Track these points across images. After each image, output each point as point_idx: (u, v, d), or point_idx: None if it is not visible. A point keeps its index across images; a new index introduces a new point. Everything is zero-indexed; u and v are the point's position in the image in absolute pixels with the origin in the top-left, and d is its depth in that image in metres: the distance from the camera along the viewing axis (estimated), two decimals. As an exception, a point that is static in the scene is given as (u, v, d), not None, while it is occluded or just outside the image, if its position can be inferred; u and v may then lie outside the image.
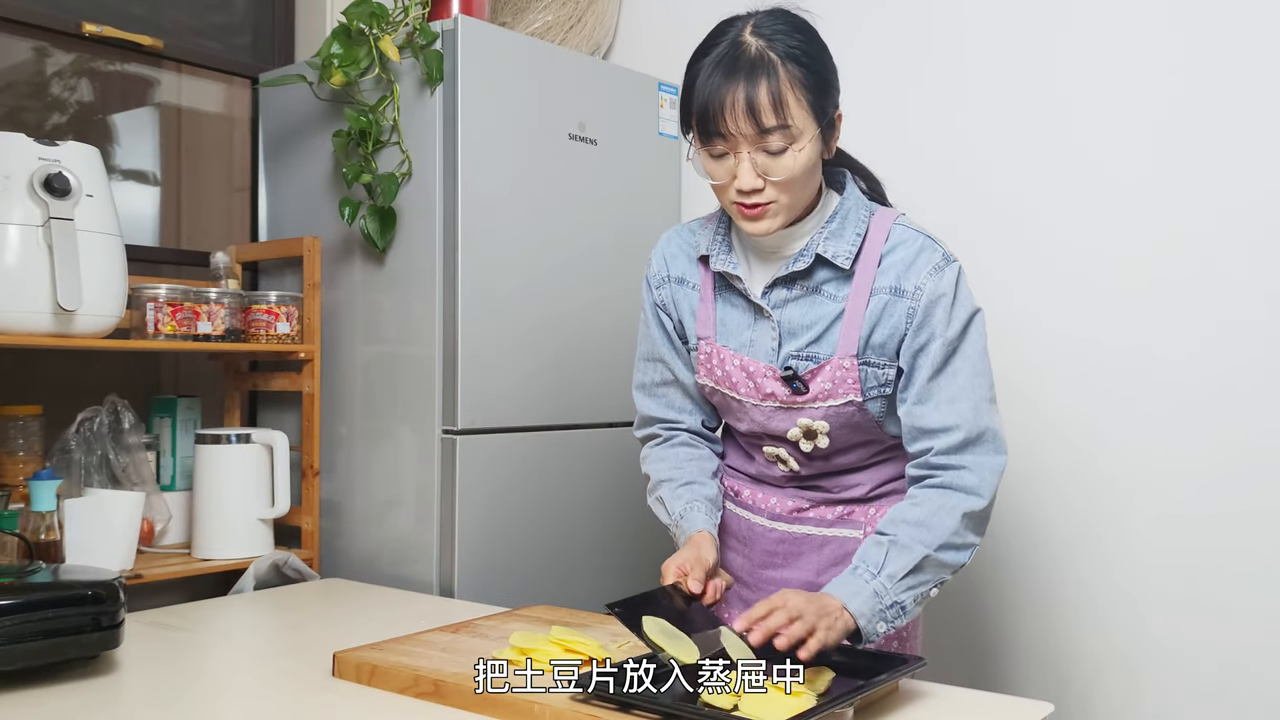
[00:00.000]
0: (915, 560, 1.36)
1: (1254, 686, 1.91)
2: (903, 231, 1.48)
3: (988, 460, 1.42)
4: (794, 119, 1.37)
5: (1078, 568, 2.08)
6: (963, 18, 2.22)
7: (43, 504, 1.75)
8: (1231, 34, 1.94)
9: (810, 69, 1.39)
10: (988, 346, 1.47)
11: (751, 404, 1.53)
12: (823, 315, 1.47)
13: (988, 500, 1.41)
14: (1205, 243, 1.96)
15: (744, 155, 1.39)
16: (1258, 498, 1.91)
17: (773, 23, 1.41)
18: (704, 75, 1.39)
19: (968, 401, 1.42)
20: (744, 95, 1.35)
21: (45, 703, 1.31)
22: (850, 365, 1.46)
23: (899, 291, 1.44)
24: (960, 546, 1.39)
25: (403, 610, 1.84)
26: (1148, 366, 2.01)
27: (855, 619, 1.32)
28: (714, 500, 1.57)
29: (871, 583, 1.34)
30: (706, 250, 1.55)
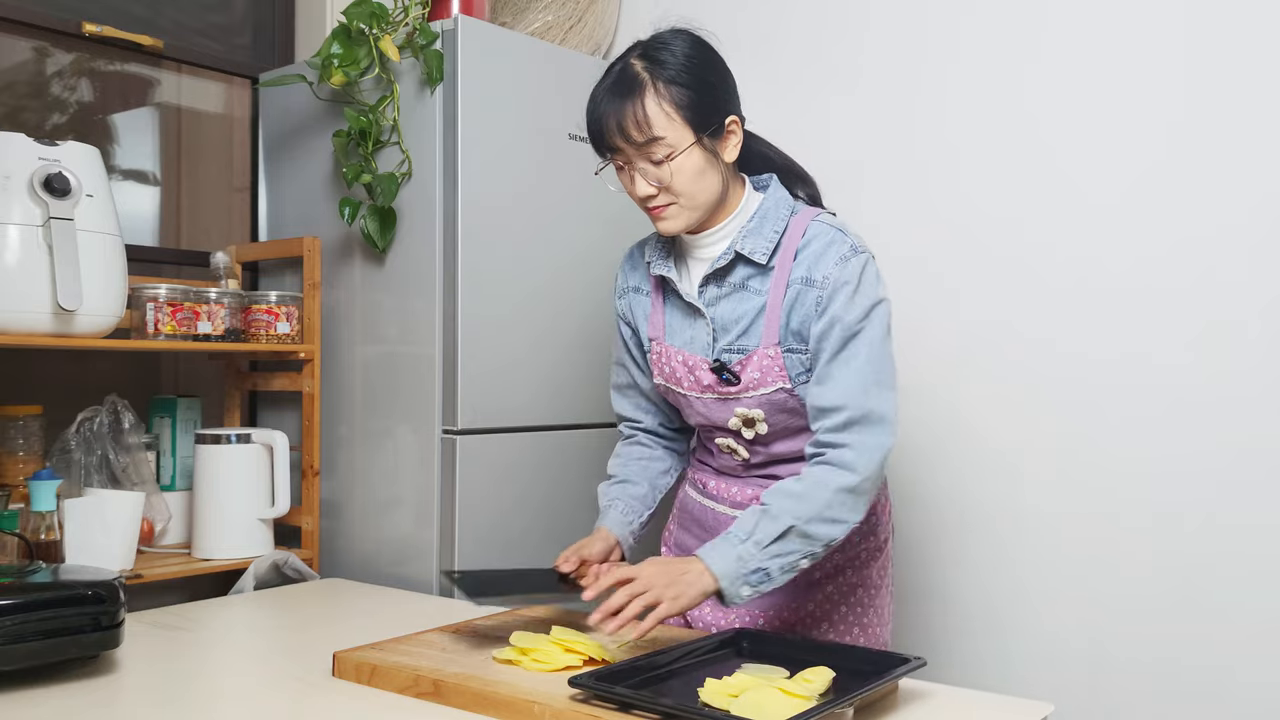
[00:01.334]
0: (781, 529, 1.44)
1: (1251, 688, 1.91)
2: (818, 227, 1.57)
3: (871, 439, 1.48)
4: (663, 132, 1.49)
5: (1077, 568, 2.08)
6: (958, 32, 2.22)
7: (43, 504, 1.75)
8: (1229, 36, 1.94)
9: (685, 86, 1.51)
10: (889, 335, 1.54)
11: (694, 396, 1.64)
12: (748, 310, 1.57)
13: (862, 477, 1.47)
14: (1201, 249, 1.96)
15: (635, 166, 1.53)
16: (1254, 502, 1.91)
17: (659, 45, 1.54)
18: (594, 98, 1.55)
19: (858, 384, 1.49)
20: (615, 115, 1.51)
21: (45, 703, 1.31)
22: (775, 354, 1.55)
23: (810, 281, 1.53)
24: (832, 520, 1.46)
25: (403, 610, 1.84)
26: (1144, 372, 2.01)
27: (717, 579, 1.42)
28: (640, 498, 1.71)
29: (738, 547, 1.44)
30: (648, 257, 1.69)
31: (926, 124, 2.26)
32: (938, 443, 2.23)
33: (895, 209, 2.29)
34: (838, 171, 2.36)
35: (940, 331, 2.23)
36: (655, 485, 1.75)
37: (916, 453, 2.26)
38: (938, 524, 2.24)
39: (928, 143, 2.26)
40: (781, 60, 2.46)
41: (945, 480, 2.23)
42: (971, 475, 2.20)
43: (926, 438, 2.25)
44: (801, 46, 2.43)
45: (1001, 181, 2.17)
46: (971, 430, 2.20)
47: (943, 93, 2.24)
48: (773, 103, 2.46)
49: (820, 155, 2.38)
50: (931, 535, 2.25)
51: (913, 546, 2.27)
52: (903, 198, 2.29)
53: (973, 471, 2.20)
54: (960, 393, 2.21)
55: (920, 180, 2.27)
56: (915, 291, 2.25)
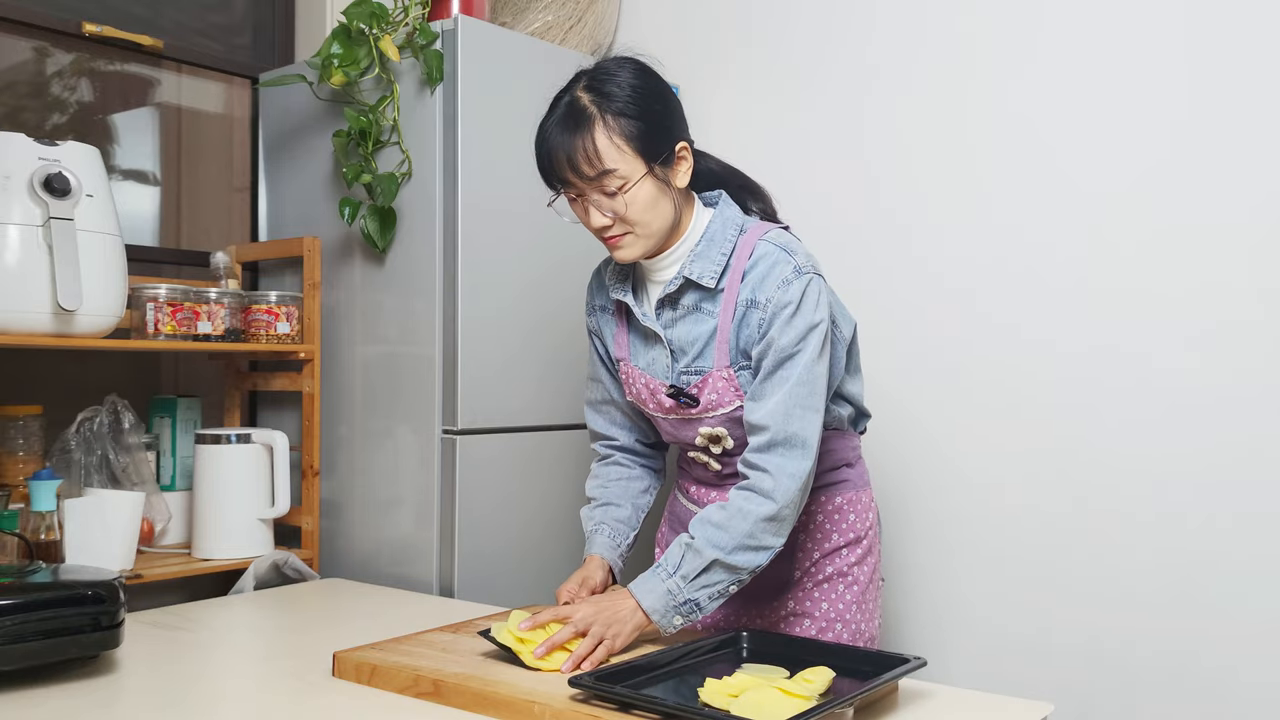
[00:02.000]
0: (706, 563, 1.47)
1: (1252, 687, 1.91)
2: (765, 247, 1.56)
3: (788, 465, 1.49)
4: (614, 164, 1.49)
5: (1077, 569, 2.08)
6: (957, 33, 2.22)
7: (43, 504, 1.75)
8: (1230, 36, 1.94)
9: (634, 117, 1.51)
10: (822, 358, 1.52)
11: (660, 417, 1.66)
12: (702, 332, 1.58)
13: (780, 505, 1.48)
14: (1201, 249, 1.96)
15: (591, 199, 1.53)
16: (1254, 500, 1.91)
17: (603, 76, 1.54)
18: (542, 132, 1.55)
19: (783, 407, 1.50)
20: (564, 150, 1.51)
21: (45, 703, 1.31)
22: (729, 375, 1.56)
23: (754, 303, 1.54)
24: (755, 549, 1.48)
25: (403, 610, 1.84)
26: (1144, 372, 2.01)
27: (648, 614, 1.46)
28: (624, 520, 1.71)
29: (667, 582, 1.47)
30: (608, 281, 1.69)
31: (927, 125, 2.26)
32: (939, 443, 2.24)
33: (895, 211, 2.29)
34: (837, 173, 2.36)
35: (940, 332, 2.23)
36: (637, 506, 1.75)
37: (918, 452, 2.26)
38: (938, 524, 2.24)
39: (928, 145, 2.26)
40: (783, 64, 2.46)
41: (946, 480, 2.23)
42: (972, 475, 2.20)
43: (928, 438, 2.25)
44: (804, 51, 2.43)
45: (1001, 182, 2.17)
46: (972, 430, 2.20)
47: (943, 94, 2.24)
48: (771, 108, 2.46)
49: (820, 157, 2.39)
50: (932, 535, 2.25)
51: (913, 546, 2.27)
52: (902, 199, 2.29)
53: (973, 471, 2.20)
54: (961, 393, 2.21)
55: (920, 182, 2.27)
56: (914, 292, 2.25)
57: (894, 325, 2.27)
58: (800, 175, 2.40)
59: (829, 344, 1.55)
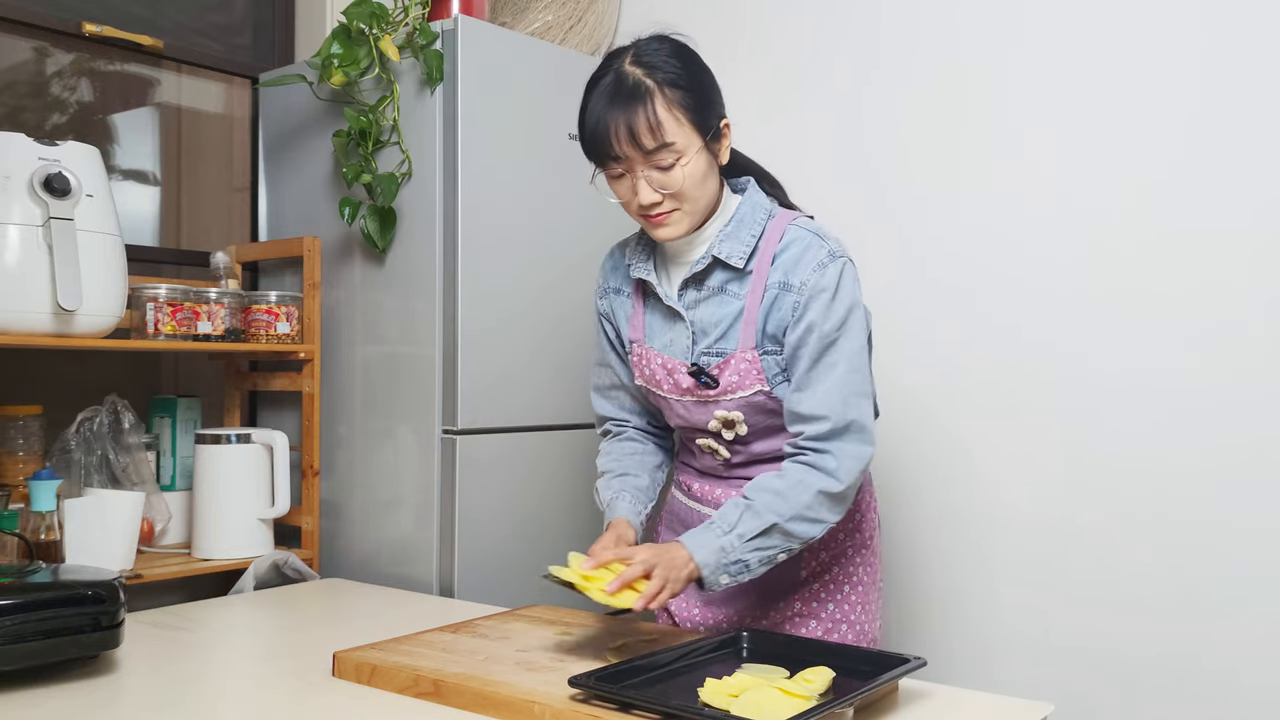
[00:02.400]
0: (764, 526, 1.48)
1: (1252, 688, 1.91)
2: (796, 231, 1.58)
3: (851, 449, 1.52)
4: (674, 137, 1.49)
5: (1077, 569, 2.08)
6: (957, 39, 2.22)
7: (43, 504, 1.75)
8: (1230, 42, 1.94)
9: (688, 89, 1.51)
10: (867, 342, 1.57)
11: (674, 399, 1.65)
12: (727, 313, 1.58)
13: (844, 485, 1.51)
14: (1202, 253, 1.96)
15: (639, 174, 1.52)
16: (1256, 503, 1.91)
17: (651, 50, 1.53)
18: (591, 106, 1.53)
19: (839, 394, 1.52)
20: (624, 122, 1.48)
21: (45, 703, 1.31)
22: (752, 358, 1.56)
23: (787, 286, 1.54)
24: (812, 520, 1.50)
25: (403, 610, 1.84)
26: (1145, 375, 2.01)
27: (700, 569, 1.46)
28: (644, 490, 1.69)
29: (721, 539, 1.48)
30: (629, 260, 1.69)
31: (927, 124, 2.26)
32: (940, 445, 2.23)
33: (895, 213, 2.29)
34: (837, 173, 2.36)
35: (941, 335, 2.23)
36: (654, 478, 1.73)
37: (919, 455, 2.26)
38: (938, 525, 2.24)
39: (928, 144, 2.26)
40: (782, 64, 2.46)
41: (947, 482, 2.23)
42: (972, 476, 2.20)
43: (930, 440, 2.25)
44: (803, 51, 2.43)
45: (1001, 183, 2.17)
46: (972, 431, 2.20)
47: (943, 94, 2.24)
48: (770, 107, 2.46)
49: (819, 156, 2.39)
50: (932, 536, 2.25)
51: (913, 547, 2.27)
52: (902, 199, 2.29)
53: (973, 472, 2.20)
54: (961, 394, 2.21)
55: (919, 182, 2.27)
56: (915, 295, 2.25)
57: (892, 325, 2.26)
58: (799, 174, 2.38)
59: (868, 327, 1.58)
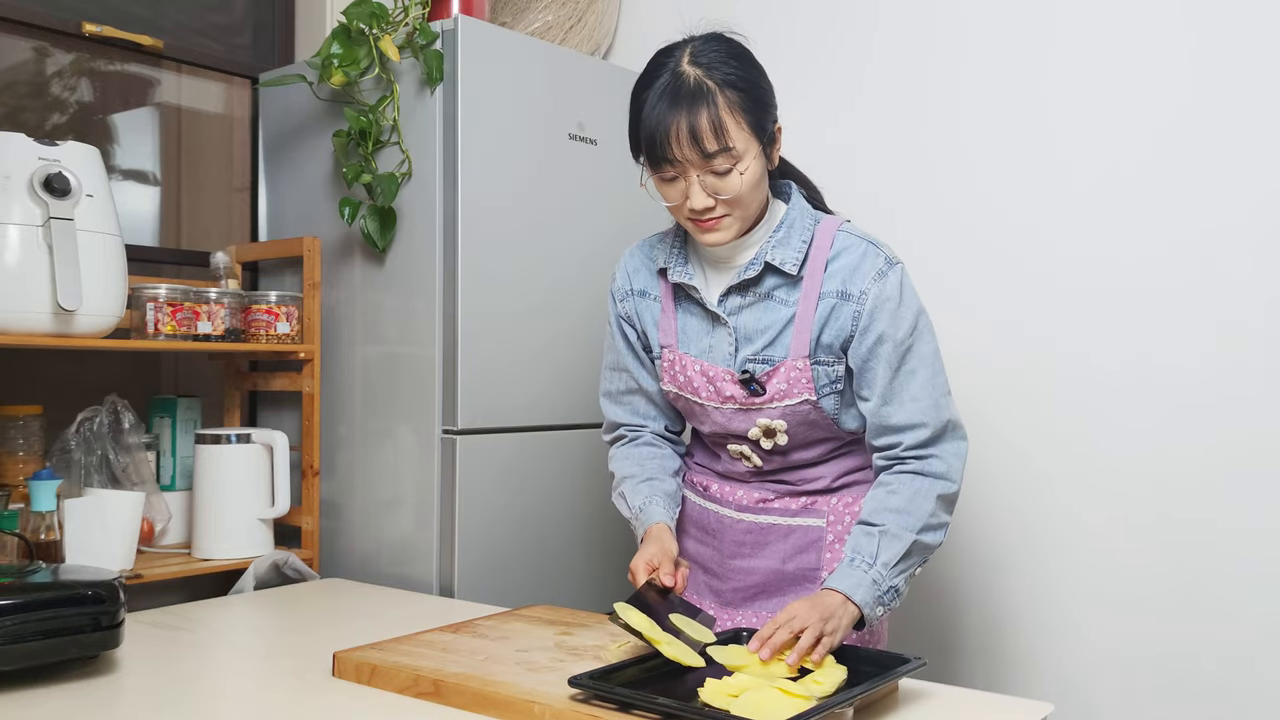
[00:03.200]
0: (905, 547, 1.46)
1: (1252, 688, 1.91)
2: (846, 238, 1.56)
3: (954, 447, 1.53)
4: (735, 141, 1.46)
5: (1077, 569, 2.08)
6: (965, 33, 2.22)
7: (43, 504, 1.75)
8: (1233, 37, 1.94)
9: (747, 92, 1.47)
10: (938, 343, 1.57)
11: (713, 407, 1.60)
12: (775, 320, 1.55)
13: (958, 484, 1.52)
14: (1204, 248, 1.96)
15: (693, 178, 1.48)
16: (1256, 502, 1.91)
17: (709, 50, 1.49)
18: (649, 106, 1.48)
19: (929, 399, 1.52)
20: (686, 124, 1.44)
21: (45, 703, 1.31)
22: (803, 366, 1.53)
23: (845, 295, 1.52)
24: (937, 527, 1.50)
25: (403, 610, 1.84)
26: (1146, 373, 2.01)
27: (860, 609, 1.41)
28: (672, 495, 1.65)
29: (869, 572, 1.44)
30: (665, 263, 1.64)
31: (930, 126, 2.26)
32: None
33: (897, 210, 2.29)
34: (840, 170, 2.36)
35: (942, 332, 2.23)
36: (678, 484, 1.70)
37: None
38: (938, 524, 2.24)
39: (928, 146, 2.26)
40: (790, 58, 2.46)
41: (945, 480, 2.23)
42: (973, 476, 2.20)
43: (926, 438, 2.24)
44: (810, 45, 2.43)
45: (1001, 183, 2.17)
46: (973, 432, 2.19)
47: (947, 95, 2.24)
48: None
49: (819, 156, 2.39)
50: (931, 535, 2.25)
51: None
52: (904, 198, 2.29)
53: (974, 472, 2.20)
54: (960, 394, 2.21)
55: (921, 182, 2.27)
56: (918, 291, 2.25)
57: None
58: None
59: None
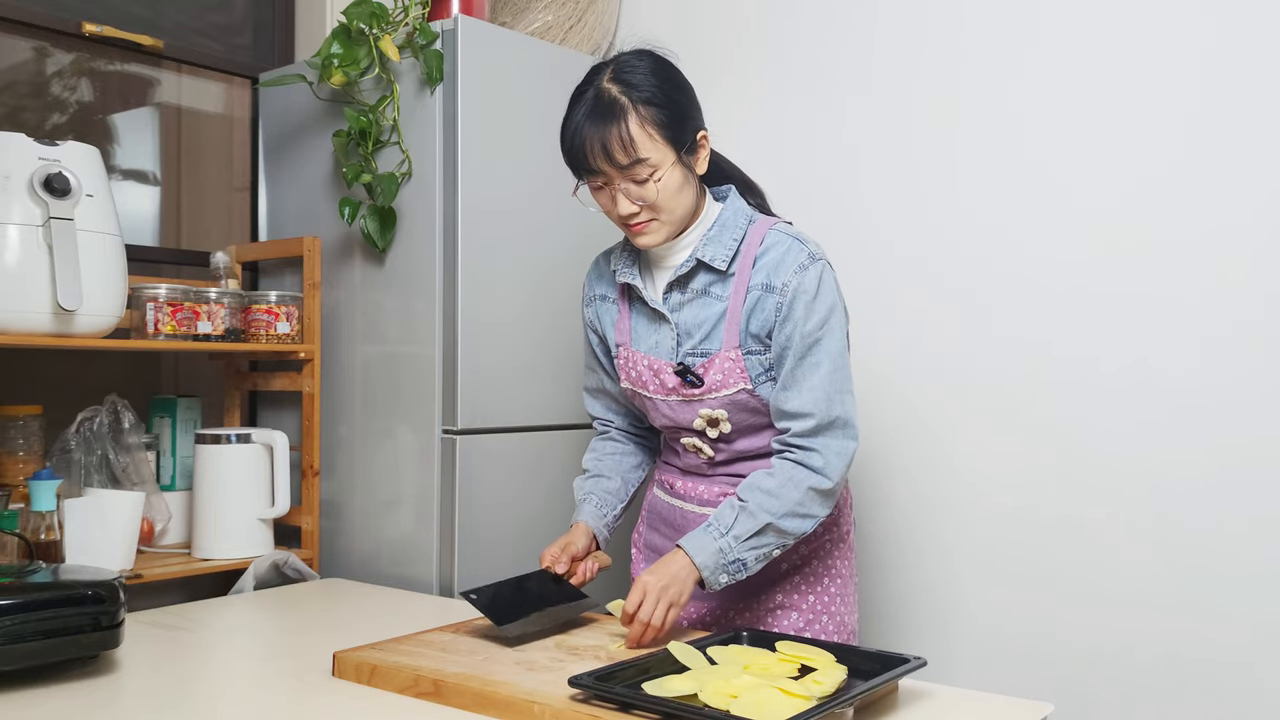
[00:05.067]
0: (759, 526, 1.54)
1: (1252, 689, 1.91)
2: (776, 235, 1.63)
3: (836, 444, 1.58)
4: (648, 153, 1.54)
5: (1077, 569, 2.08)
6: (958, 38, 2.22)
7: (43, 504, 1.75)
8: (1230, 41, 1.94)
9: (662, 106, 1.56)
10: (847, 341, 1.63)
11: (660, 399, 1.68)
12: (710, 315, 1.63)
13: (833, 481, 1.58)
14: (1200, 253, 1.96)
15: (618, 186, 1.58)
16: (1255, 502, 1.91)
17: (631, 68, 1.58)
18: (571, 122, 1.58)
19: (823, 392, 1.57)
20: (599, 139, 1.54)
21: (45, 703, 1.31)
22: (736, 357, 1.60)
23: (769, 288, 1.59)
24: (804, 516, 1.57)
25: (403, 610, 1.84)
26: (1143, 375, 2.01)
27: (700, 570, 1.52)
28: (613, 492, 1.77)
29: (719, 540, 1.54)
30: (614, 266, 1.74)
31: (926, 126, 2.26)
32: (939, 444, 2.23)
33: (894, 211, 2.29)
34: (834, 172, 2.36)
35: (939, 334, 2.23)
36: (627, 480, 1.80)
37: (918, 454, 2.26)
38: (936, 525, 2.24)
39: (927, 146, 2.26)
40: (782, 64, 2.46)
41: (946, 481, 2.23)
42: (972, 477, 2.20)
43: (928, 439, 2.24)
44: (803, 51, 2.43)
45: (999, 185, 2.17)
46: (972, 432, 2.20)
47: (942, 96, 2.24)
48: (769, 108, 2.46)
49: (818, 157, 2.39)
50: (930, 536, 2.25)
51: (913, 548, 2.27)
52: (902, 201, 2.29)
53: (973, 473, 2.20)
54: (960, 395, 2.21)
55: (919, 184, 2.26)
56: (913, 294, 2.25)
57: (892, 326, 2.27)
58: (798, 175, 2.40)
59: (847, 326, 1.63)
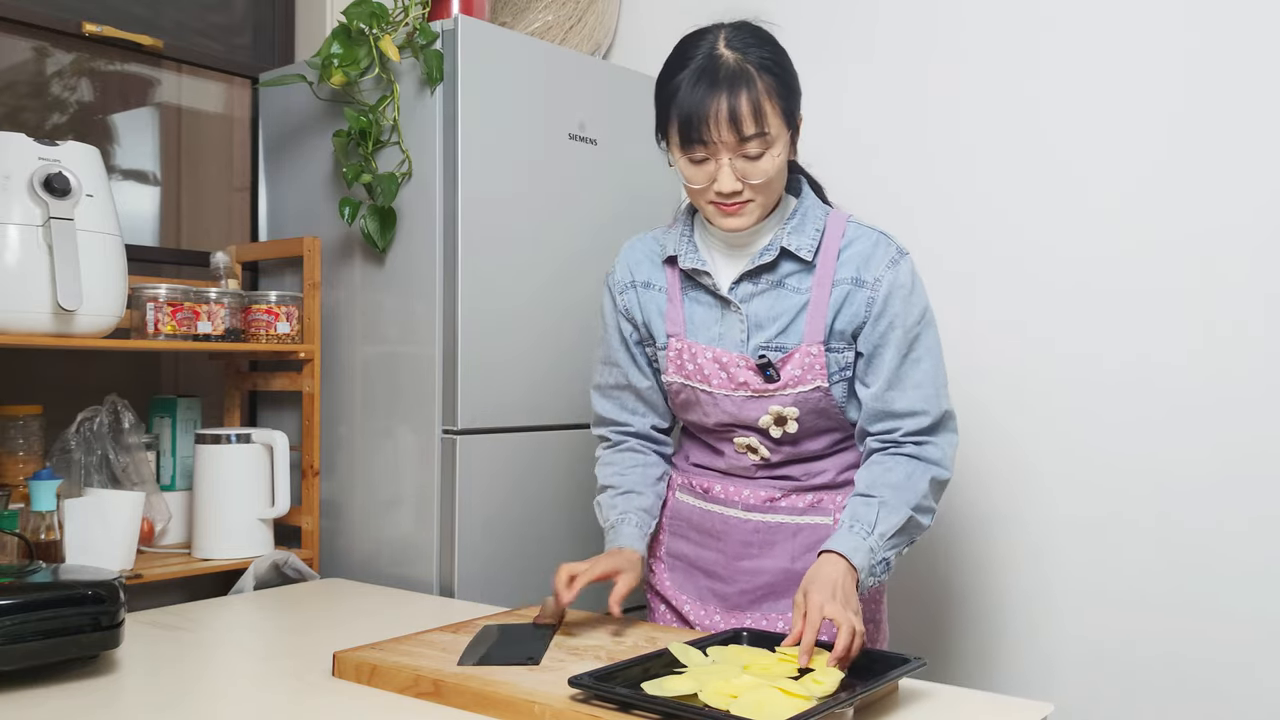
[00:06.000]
0: (903, 520, 1.49)
1: (1252, 688, 1.91)
2: (858, 228, 1.60)
3: (948, 438, 1.57)
4: (770, 126, 1.48)
5: (1077, 570, 2.08)
6: (964, 30, 2.22)
7: (43, 504, 1.75)
8: (1233, 36, 1.94)
9: (781, 78, 1.50)
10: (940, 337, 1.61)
11: (723, 395, 1.60)
12: (788, 307, 1.57)
13: (950, 473, 1.56)
14: (1204, 249, 1.96)
15: (724, 161, 1.49)
16: (1255, 502, 1.91)
17: (743, 36, 1.51)
18: (686, 87, 1.48)
19: (931, 387, 1.56)
20: (727, 105, 1.45)
21: (45, 703, 1.31)
22: (817, 352, 1.55)
23: (859, 282, 1.55)
24: (928, 510, 1.54)
25: (403, 610, 1.84)
26: (1146, 373, 2.01)
27: (858, 572, 1.43)
28: (649, 510, 1.67)
29: (867, 540, 1.46)
30: (674, 251, 1.65)
31: (932, 121, 2.26)
32: (938, 443, 2.23)
33: (901, 207, 2.29)
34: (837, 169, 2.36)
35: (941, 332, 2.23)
36: (657, 494, 1.72)
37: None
38: (938, 525, 2.24)
39: (933, 141, 2.26)
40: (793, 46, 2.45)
41: (945, 480, 2.23)
42: (971, 476, 2.20)
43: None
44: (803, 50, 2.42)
45: (1001, 181, 2.17)
46: (971, 431, 2.20)
47: (946, 91, 2.24)
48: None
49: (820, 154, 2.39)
50: (931, 536, 2.25)
51: (913, 548, 2.27)
52: (907, 197, 2.29)
53: (972, 473, 2.20)
54: (960, 392, 2.21)
55: (925, 179, 2.27)
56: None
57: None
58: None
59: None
